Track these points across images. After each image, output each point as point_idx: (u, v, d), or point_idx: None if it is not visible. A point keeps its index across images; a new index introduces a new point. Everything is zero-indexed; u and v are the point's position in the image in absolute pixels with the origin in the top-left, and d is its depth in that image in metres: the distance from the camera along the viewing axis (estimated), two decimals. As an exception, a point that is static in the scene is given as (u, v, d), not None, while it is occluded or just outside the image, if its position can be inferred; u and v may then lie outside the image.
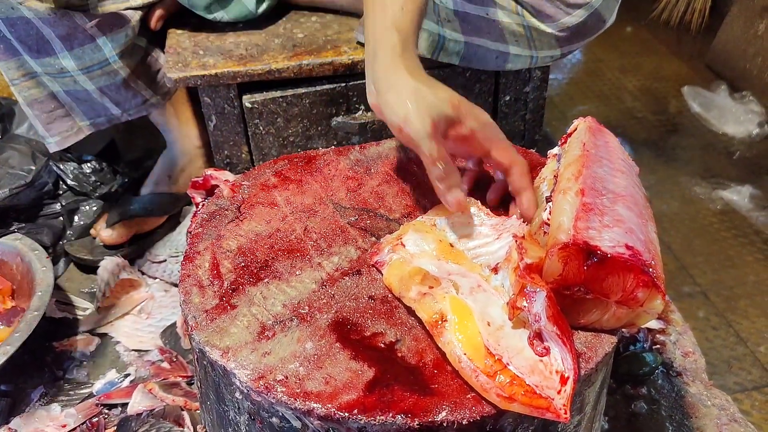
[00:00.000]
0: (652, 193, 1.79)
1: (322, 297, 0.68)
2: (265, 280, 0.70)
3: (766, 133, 2.01)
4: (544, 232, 0.66)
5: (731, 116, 2.07)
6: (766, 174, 1.85)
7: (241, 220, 0.78)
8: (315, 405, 0.57)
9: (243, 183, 0.83)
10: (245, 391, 0.60)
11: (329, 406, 0.57)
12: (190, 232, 0.78)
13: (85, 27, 1.10)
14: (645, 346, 1.08)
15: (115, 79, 1.17)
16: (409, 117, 0.69)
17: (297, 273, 0.71)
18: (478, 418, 0.56)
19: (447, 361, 0.60)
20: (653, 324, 1.12)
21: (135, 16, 1.16)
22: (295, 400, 0.57)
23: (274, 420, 0.60)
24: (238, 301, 0.67)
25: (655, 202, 1.75)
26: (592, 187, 0.66)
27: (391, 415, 0.56)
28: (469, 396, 0.57)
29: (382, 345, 0.62)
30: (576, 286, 0.60)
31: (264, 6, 1.23)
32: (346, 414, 0.56)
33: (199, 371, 0.69)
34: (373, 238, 0.75)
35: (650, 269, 0.59)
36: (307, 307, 0.66)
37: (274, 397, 0.58)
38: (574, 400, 0.61)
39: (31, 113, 1.18)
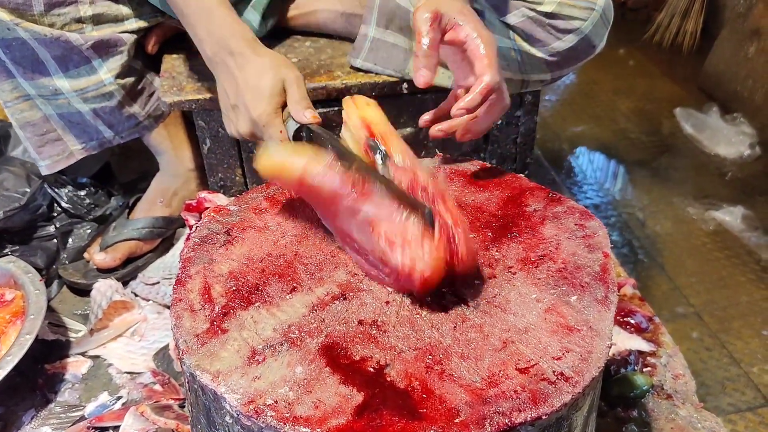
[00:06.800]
0: (646, 213, 1.80)
1: (312, 321, 0.68)
2: (256, 304, 0.70)
3: (757, 154, 2.02)
4: None
5: (723, 137, 2.08)
6: (758, 195, 1.86)
7: (233, 245, 0.78)
8: (304, 429, 0.57)
9: (234, 207, 0.84)
10: (235, 415, 0.60)
11: (319, 430, 0.57)
12: (182, 256, 0.78)
13: (81, 49, 1.10)
14: (636, 368, 1.08)
15: (109, 101, 1.18)
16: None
17: (287, 297, 0.71)
18: (467, 442, 0.56)
19: (436, 386, 0.60)
20: (644, 346, 1.13)
21: (131, 39, 1.17)
22: (285, 424, 0.57)
23: (264, 445, 0.60)
24: (228, 325, 0.67)
25: (648, 223, 1.77)
26: None
27: (379, 439, 0.56)
28: (457, 420, 0.57)
29: (372, 369, 0.63)
30: None
31: (268, 26, 1.24)
32: (335, 439, 0.56)
33: (190, 395, 0.69)
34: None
35: None
36: (297, 332, 0.67)
37: (263, 422, 0.58)
38: (561, 424, 0.61)
39: (24, 135, 1.18)
